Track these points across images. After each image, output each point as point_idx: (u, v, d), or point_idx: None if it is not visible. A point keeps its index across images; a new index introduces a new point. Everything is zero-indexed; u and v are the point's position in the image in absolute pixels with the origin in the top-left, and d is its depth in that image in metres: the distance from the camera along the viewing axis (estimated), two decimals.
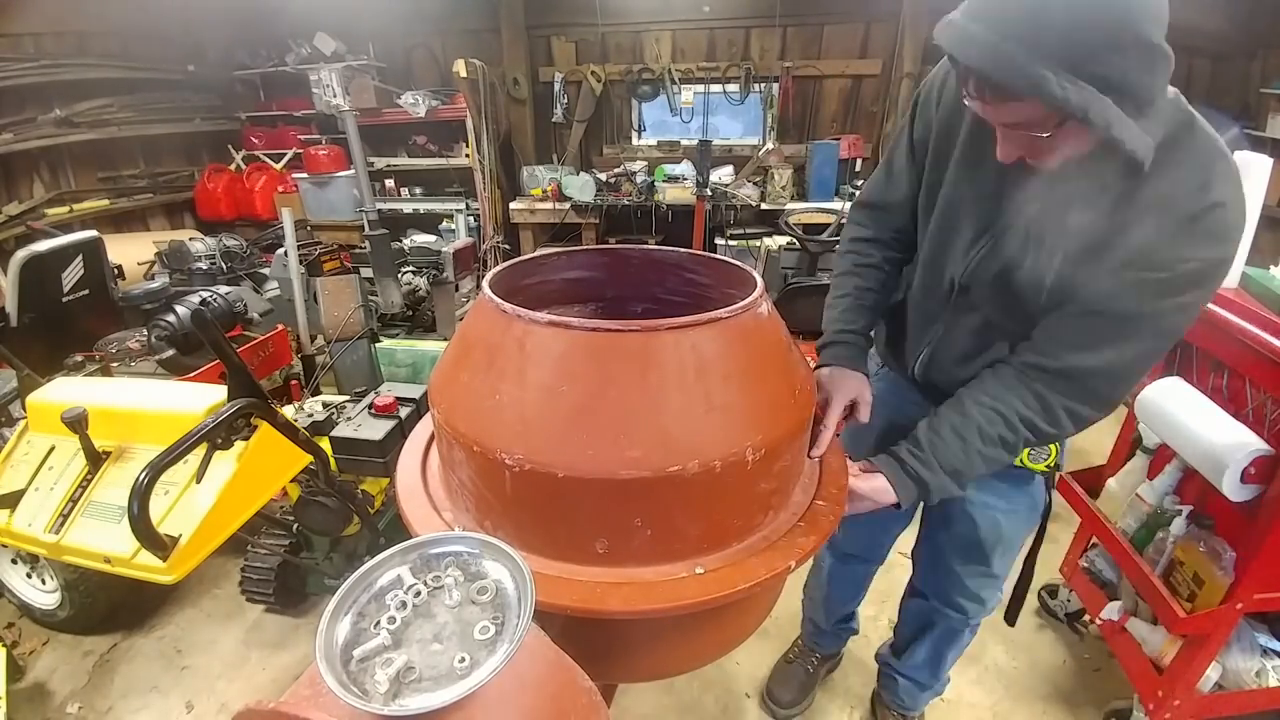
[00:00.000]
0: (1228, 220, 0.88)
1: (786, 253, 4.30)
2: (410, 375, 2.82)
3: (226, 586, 2.29)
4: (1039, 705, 1.90)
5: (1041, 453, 1.27)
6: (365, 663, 0.57)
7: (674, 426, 0.80)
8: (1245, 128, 3.92)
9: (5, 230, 4.14)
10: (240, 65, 5.45)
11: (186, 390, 1.66)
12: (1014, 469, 1.27)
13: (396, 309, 3.35)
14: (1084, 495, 1.84)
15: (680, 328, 0.82)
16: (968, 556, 1.42)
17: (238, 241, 3.68)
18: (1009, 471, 1.26)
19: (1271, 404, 1.41)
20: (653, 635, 0.98)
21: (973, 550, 1.40)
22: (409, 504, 0.96)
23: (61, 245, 2.51)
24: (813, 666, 1.92)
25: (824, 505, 0.98)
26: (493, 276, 1.02)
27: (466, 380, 0.90)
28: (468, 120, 4.89)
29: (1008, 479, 1.31)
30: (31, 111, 4.30)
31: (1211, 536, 1.51)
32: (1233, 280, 1.56)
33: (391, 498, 2.03)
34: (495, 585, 0.64)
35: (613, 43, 5.12)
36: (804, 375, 0.99)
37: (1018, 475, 1.31)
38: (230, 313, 2.72)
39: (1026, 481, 1.33)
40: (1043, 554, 1.46)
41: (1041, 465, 1.28)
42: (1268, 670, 1.54)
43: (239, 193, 5.40)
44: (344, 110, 3.71)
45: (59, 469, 1.57)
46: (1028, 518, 1.38)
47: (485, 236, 5.09)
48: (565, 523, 0.84)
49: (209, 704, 1.94)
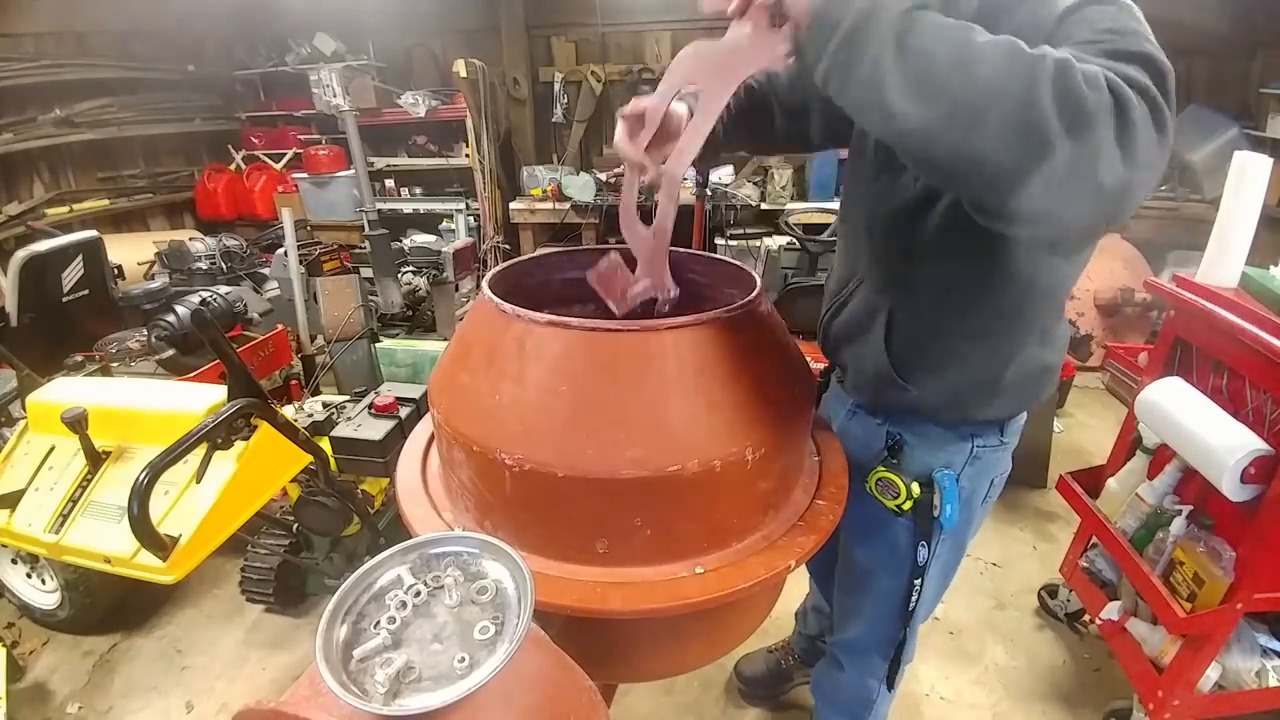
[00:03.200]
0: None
1: (786, 253, 4.29)
2: (410, 375, 2.82)
3: (226, 586, 2.29)
4: (1039, 705, 1.90)
5: (890, 489, 1.06)
6: (365, 663, 0.57)
7: (674, 426, 0.80)
8: (1245, 128, 3.92)
9: (5, 230, 4.14)
10: (240, 65, 5.44)
11: (186, 390, 1.66)
12: (870, 500, 1.09)
13: (396, 309, 3.35)
14: (1084, 495, 1.84)
15: (680, 328, 0.82)
16: (842, 577, 1.33)
17: (238, 241, 3.69)
18: (867, 508, 1.09)
19: (1271, 404, 1.41)
20: (653, 635, 0.98)
21: (839, 574, 1.32)
22: (409, 504, 0.96)
23: (61, 245, 2.52)
24: (786, 663, 1.92)
25: (824, 505, 0.98)
26: (492, 276, 1.02)
27: (466, 380, 0.90)
28: (468, 120, 4.89)
29: (869, 517, 1.12)
30: (31, 111, 4.30)
31: (1211, 536, 1.51)
32: (1233, 280, 1.56)
33: (391, 498, 2.03)
34: (495, 585, 0.64)
35: (613, 43, 5.12)
36: (804, 375, 0.99)
37: (877, 517, 1.12)
38: (230, 313, 2.72)
39: (883, 525, 1.14)
40: (1042, 553, 1.44)
41: (890, 502, 1.05)
42: (1268, 670, 1.54)
43: (239, 193, 5.40)
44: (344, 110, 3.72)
45: (59, 469, 1.57)
46: (888, 565, 1.18)
47: (485, 236, 5.08)
48: (565, 523, 0.84)
49: (209, 704, 1.93)
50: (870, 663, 1.35)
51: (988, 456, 1.11)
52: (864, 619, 1.31)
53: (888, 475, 1.07)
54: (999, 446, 1.12)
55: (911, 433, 1.10)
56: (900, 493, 1.05)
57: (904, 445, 1.10)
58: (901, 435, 1.10)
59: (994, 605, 2.23)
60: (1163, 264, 3.85)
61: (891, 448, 1.10)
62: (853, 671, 1.40)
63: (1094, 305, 3.72)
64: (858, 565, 1.25)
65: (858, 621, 1.33)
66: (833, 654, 1.44)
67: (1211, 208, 1.60)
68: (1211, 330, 1.52)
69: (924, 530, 1.09)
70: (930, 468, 1.08)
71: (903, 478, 1.05)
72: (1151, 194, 4.40)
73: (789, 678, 1.92)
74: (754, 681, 1.91)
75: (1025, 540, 2.50)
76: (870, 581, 1.24)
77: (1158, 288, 1.73)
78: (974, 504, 1.17)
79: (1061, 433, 3.13)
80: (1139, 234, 3.92)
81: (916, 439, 1.10)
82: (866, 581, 1.25)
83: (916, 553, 1.12)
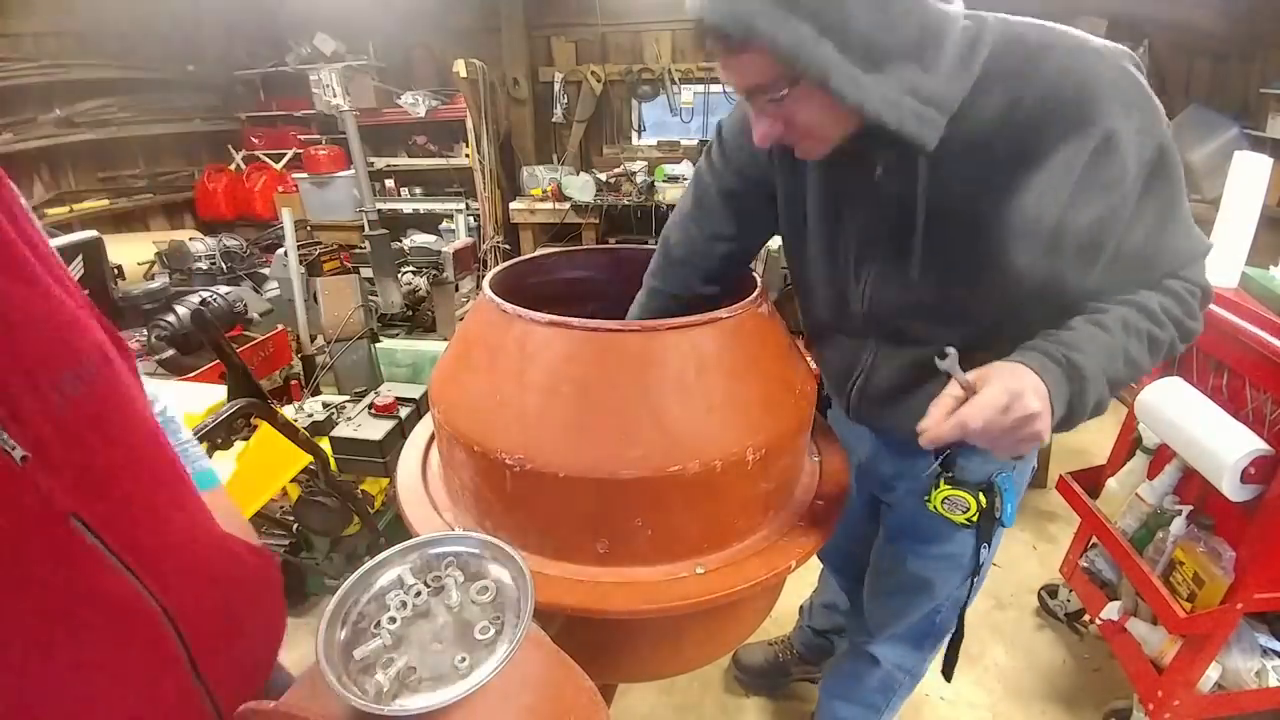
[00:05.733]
0: (1123, 149, 0.76)
1: None
2: (410, 375, 2.81)
3: None
4: (1038, 705, 1.90)
5: (958, 504, 1.07)
6: (365, 663, 0.57)
7: (674, 426, 0.80)
8: (1245, 128, 3.92)
9: None
10: (240, 65, 5.44)
11: (186, 390, 1.66)
12: (934, 515, 1.09)
13: (396, 309, 3.35)
14: (1084, 495, 1.84)
15: (680, 328, 0.82)
16: (887, 585, 1.33)
17: (238, 241, 3.68)
18: (929, 520, 1.10)
19: (1271, 404, 1.41)
20: (653, 635, 0.98)
21: (885, 581, 1.32)
22: (409, 504, 0.97)
23: (61, 245, 2.51)
24: (784, 657, 1.93)
25: (824, 505, 0.98)
26: (493, 277, 1.02)
27: (467, 380, 0.90)
28: (468, 120, 4.89)
29: (928, 533, 1.17)
30: (31, 111, 4.30)
31: (1211, 536, 1.51)
32: (1233, 280, 1.56)
33: (391, 498, 2.03)
34: (495, 585, 0.64)
35: (613, 43, 5.12)
36: (804, 375, 0.99)
37: (939, 532, 1.16)
38: (230, 313, 2.72)
39: (947, 538, 1.17)
40: (1042, 553, 1.45)
41: (960, 516, 1.07)
42: (1268, 670, 1.54)
43: (239, 193, 5.40)
44: (344, 110, 3.71)
45: None
46: (947, 573, 1.21)
47: (485, 236, 5.09)
48: (566, 523, 0.84)
49: None
50: (911, 658, 1.38)
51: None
52: (914, 618, 1.32)
53: (954, 492, 1.05)
54: None
55: (961, 446, 1.08)
56: (970, 506, 1.04)
57: (956, 459, 1.08)
58: (951, 449, 1.07)
59: (994, 605, 2.23)
60: None
61: (945, 463, 1.08)
62: (889, 667, 1.41)
63: None
64: (913, 576, 1.24)
65: (905, 622, 1.33)
66: (865, 652, 1.43)
67: (1211, 208, 1.60)
68: (1211, 330, 1.52)
69: (986, 534, 1.09)
70: (988, 473, 1.07)
71: (968, 491, 1.05)
72: None
73: (786, 672, 1.94)
74: (752, 671, 1.94)
75: (1025, 540, 2.49)
76: (928, 588, 1.24)
77: None
78: (1020, 493, 1.17)
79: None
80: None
81: (967, 450, 1.05)
82: (924, 589, 1.25)
83: (979, 555, 1.13)
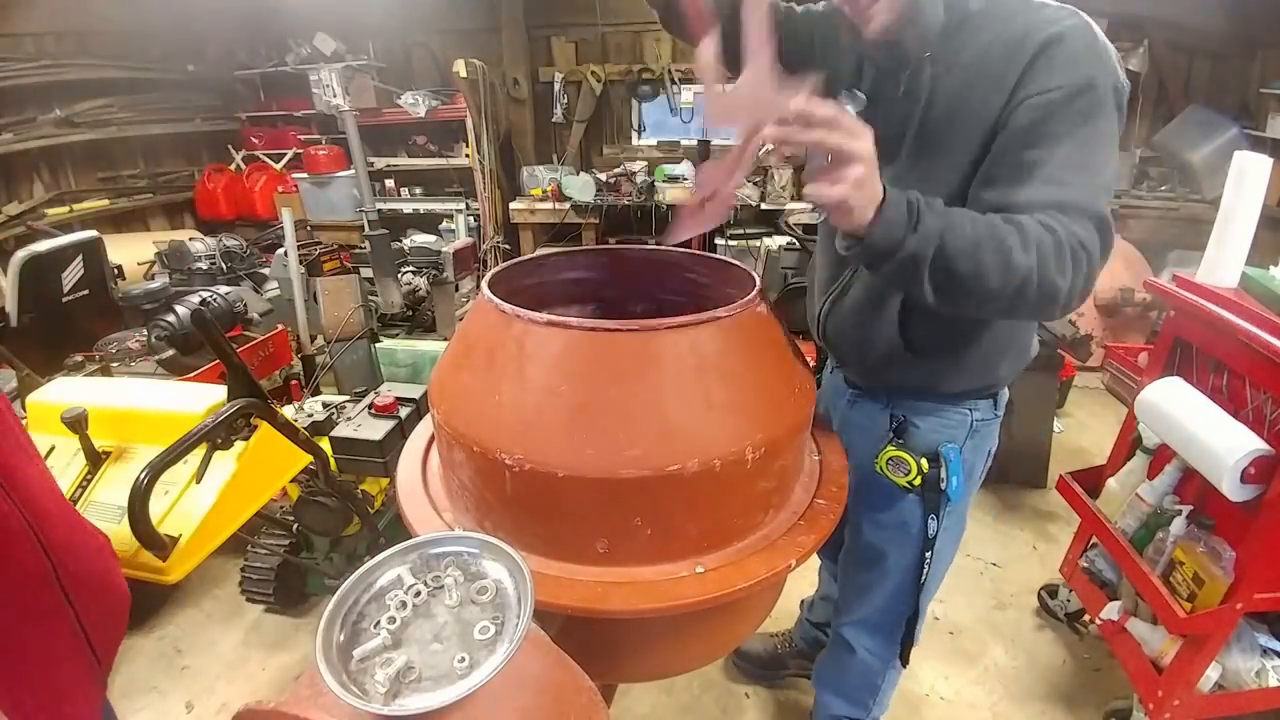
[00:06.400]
0: (1073, 47, 0.85)
1: (786, 253, 4.29)
2: (410, 375, 2.81)
3: (226, 586, 2.29)
4: (1038, 705, 1.90)
5: (900, 466, 1.13)
6: (365, 663, 0.57)
7: (674, 426, 0.80)
8: (1245, 128, 3.92)
9: (5, 230, 4.14)
10: (240, 65, 5.44)
11: (186, 390, 1.66)
12: (880, 482, 1.17)
13: (396, 309, 3.35)
14: (1084, 495, 1.84)
15: (679, 327, 0.82)
16: (853, 559, 1.37)
17: (238, 241, 3.68)
18: (878, 484, 1.17)
19: (1271, 404, 1.41)
20: (653, 635, 0.98)
21: (849, 555, 1.37)
22: (409, 504, 0.97)
23: (61, 245, 2.52)
24: (782, 649, 1.96)
25: (824, 504, 0.98)
26: (492, 277, 1.02)
27: (466, 380, 0.90)
28: (468, 120, 4.89)
29: (879, 498, 1.22)
30: (31, 111, 4.30)
31: (1211, 536, 1.51)
32: (1233, 280, 1.56)
33: (391, 498, 2.03)
34: (495, 585, 0.64)
35: (613, 43, 5.12)
36: (803, 374, 0.99)
37: (888, 497, 1.21)
38: (230, 313, 2.72)
39: (894, 504, 1.22)
40: (1042, 553, 1.45)
41: (901, 479, 1.13)
42: (1268, 670, 1.54)
43: (239, 193, 5.40)
44: (344, 110, 3.72)
45: (59, 469, 1.56)
46: (900, 541, 1.25)
47: (485, 236, 5.08)
48: (565, 523, 0.84)
49: (209, 704, 1.93)
50: (880, 642, 1.41)
51: (984, 429, 1.21)
52: (876, 597, 1.36)
53: (898, 454, 1.14)
54: (993, 420, 1.22)
55: (915, 413, 1.18)
56: (911, 469, 1.13)
57: (909, 425, 1.17)
58: (906, 416, 1.18)
59: (994, 605, 2.23)
60: (1163, 264, 3.85)
61: (898, 429, 1.17)
62: (862, 652, 1.43)
63: (1094, 305, 3.72)
64: (870, 546, 1.30)
65: (869, 601, 1.38)
66: (841, 637, 1.46)
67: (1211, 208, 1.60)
68: (1211, 330, 1.52)
69: (932, 504, 1.18)
70: (936, 444, 1.16)
71: (912, 455, 1.13)
72: (1152, 195, 4.38)
73: (784, 664, 1.96)
74: (750, 659, 1.96)
75: (1025, 540, 2.49)
76: (882, 560, 1.30)
77: (1157, 288, 1.73)
78: (974, 477, 1.25)
79: (1061, 433, 3.13)
80: (1139, 234, 3.92)
81: (920, 418, 1.18)
82: (879, 560, 1.30)
83: (927, 526, 1.20)
